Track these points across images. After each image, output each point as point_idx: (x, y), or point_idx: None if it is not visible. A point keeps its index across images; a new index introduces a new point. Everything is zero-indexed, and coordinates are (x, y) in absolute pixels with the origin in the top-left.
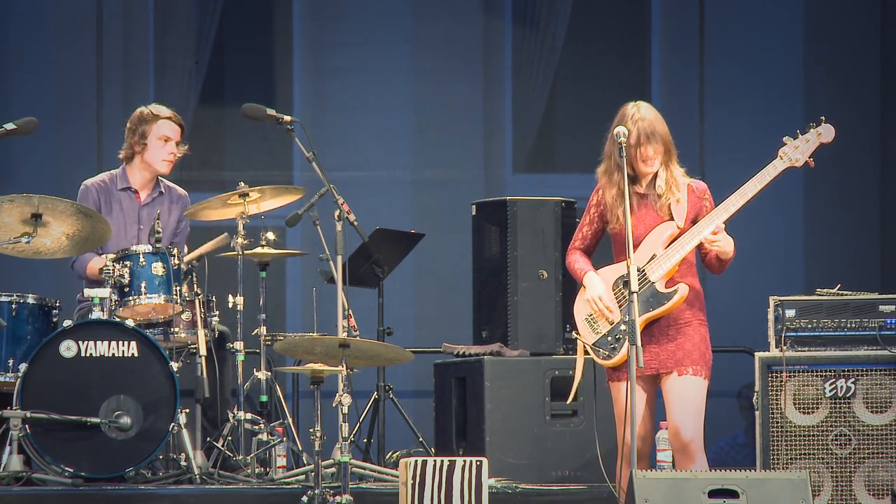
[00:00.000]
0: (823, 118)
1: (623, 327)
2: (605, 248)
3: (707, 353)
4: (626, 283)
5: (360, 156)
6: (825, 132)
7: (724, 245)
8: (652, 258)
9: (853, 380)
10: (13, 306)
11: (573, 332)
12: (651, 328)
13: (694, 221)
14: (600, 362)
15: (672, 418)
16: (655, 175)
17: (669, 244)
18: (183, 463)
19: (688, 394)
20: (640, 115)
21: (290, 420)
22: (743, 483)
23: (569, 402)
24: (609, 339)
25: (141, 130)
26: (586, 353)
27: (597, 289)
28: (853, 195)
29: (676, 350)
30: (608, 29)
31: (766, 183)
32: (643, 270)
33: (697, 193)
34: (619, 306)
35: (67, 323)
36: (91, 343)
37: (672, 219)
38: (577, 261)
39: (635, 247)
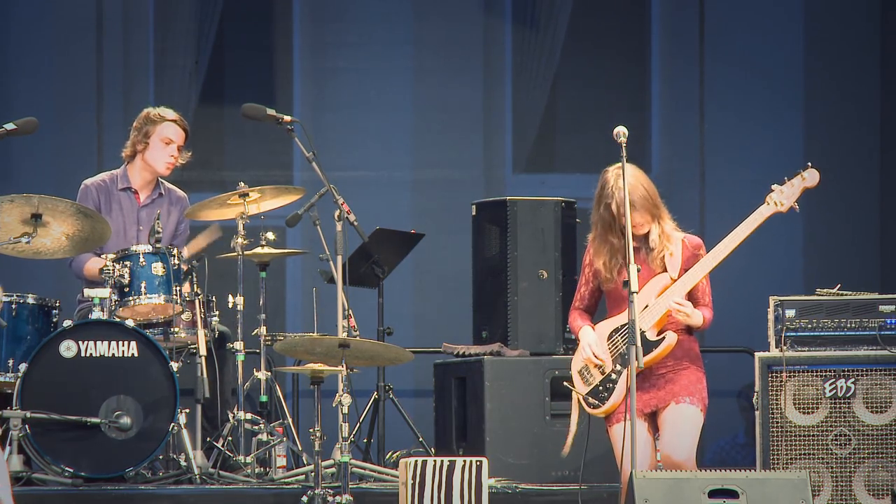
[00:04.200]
0: (810, 164)
1: (614, 376)
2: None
3: (704, 392)
4: (618, 330)
5: (360, 156)
6: (809, 177)
7: (687, 320)
8: (644, 308)
9: (853, 380)
10: (13, 306)
11: (567, 383)
12: (645, 373)
13: None
14: (591, 412)
15: (664, 443)
16: (649, 231)
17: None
18: (183, 463)
19: (682, 420)
20: (620, 185)
21: (290, 420)
22: (743, 483)
23: (565, 453)
24: (599, 388)
25: (145, 130)
26: (579, 403)
27: (588, 337)
28: (853, 195)
29: (673, 386)
30: (608, 29)
31: (752, 229)
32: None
33: (691, 249)
34: (612, 357)
35: (67, 323)
36: (91, 343)
37: (666, 271)
38: (576, 320)
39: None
